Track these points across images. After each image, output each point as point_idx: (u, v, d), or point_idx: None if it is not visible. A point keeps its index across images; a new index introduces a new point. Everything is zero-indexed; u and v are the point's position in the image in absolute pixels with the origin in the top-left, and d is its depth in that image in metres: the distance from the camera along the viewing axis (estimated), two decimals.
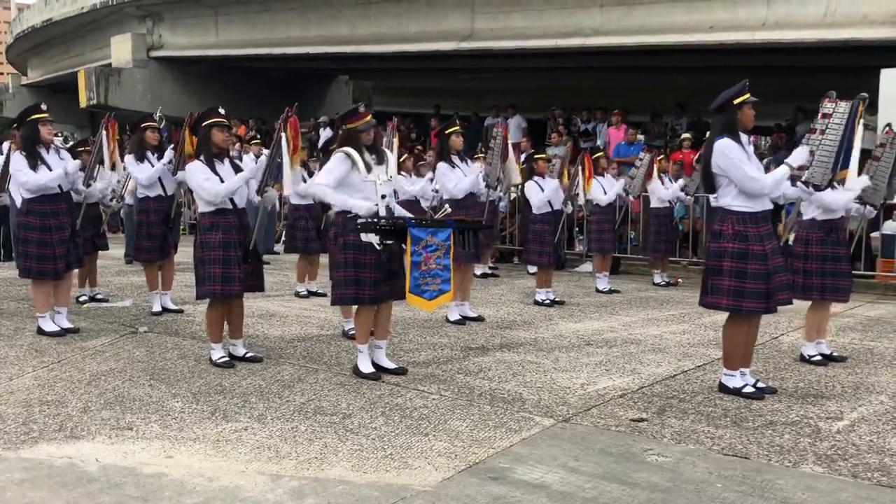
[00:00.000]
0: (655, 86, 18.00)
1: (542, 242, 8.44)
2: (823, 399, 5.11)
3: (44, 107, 6.71)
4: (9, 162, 7.12)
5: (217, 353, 5.83)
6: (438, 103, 19.69)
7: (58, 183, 6.58)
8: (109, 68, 20.78)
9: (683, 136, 13.02)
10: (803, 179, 5.40)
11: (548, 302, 8.51)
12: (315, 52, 18.16)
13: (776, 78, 16.08)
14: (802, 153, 5.18)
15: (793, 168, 5.12)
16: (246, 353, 5.96)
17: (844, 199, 5.86)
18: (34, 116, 6.60)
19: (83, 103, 20.58)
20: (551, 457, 4.08)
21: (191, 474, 3.86)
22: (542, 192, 8.37)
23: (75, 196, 7.06)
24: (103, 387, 5.28)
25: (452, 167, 7.62)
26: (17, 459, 4.05)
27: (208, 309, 5.88)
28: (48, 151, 6.64)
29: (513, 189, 11.28)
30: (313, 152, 13.30)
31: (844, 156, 5.36)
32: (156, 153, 7.61)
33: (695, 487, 3.72)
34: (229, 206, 5.74)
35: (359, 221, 5.20)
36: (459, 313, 7.49)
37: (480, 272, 10.35)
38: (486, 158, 9.15)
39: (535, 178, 8.46)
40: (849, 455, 4.13)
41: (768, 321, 7.62)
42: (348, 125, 5.51)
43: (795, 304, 5.46)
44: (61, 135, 21.36)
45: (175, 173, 7.52)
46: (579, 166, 9.22)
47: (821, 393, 5.25)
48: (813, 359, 5.98)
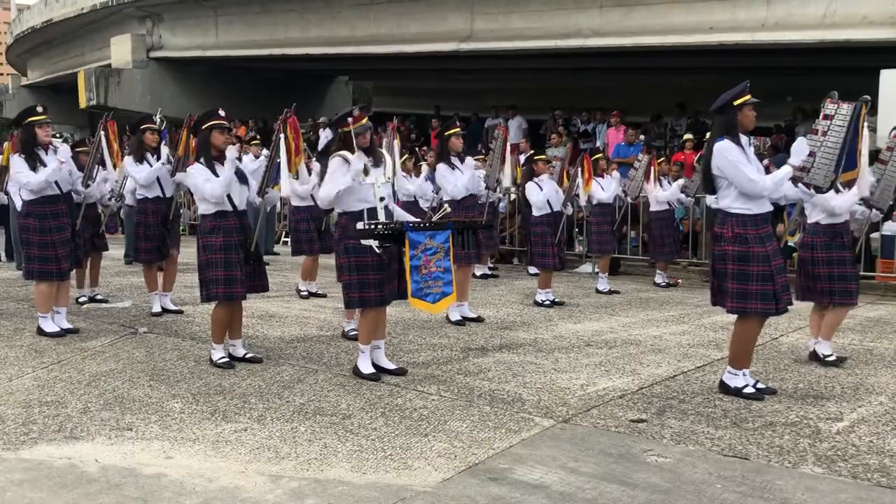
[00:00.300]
0: (655, 87, 18.00)
1: (545, 244, 8.45)
2: (823, 400, 5.11)
3: (40, 108, 6.70)
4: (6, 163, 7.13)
5: (217, 354, 5.83)
6: (438, 104, 19.70)
7: (56, 176, 6.56)
8: (109, 69, 20.78)
9: (686, 137, 13.00)
10: (805, 181, 5.40)
11: (547, 303, 8.51)
12: (315, 53, 18.16)
13: (776, 79, 16.09)
14: (801, 148, 5.17)
15: (795, 168, 5.12)
16: (246, 354, 5.96)
17: (848, 201, 5.85)
18: (31, 119, 6.59)
19: (83, 104, 20.57)
20: (551, 457, 4.08)
21: (190, 475, 3.86)
22: (542, 192, 8.37)
23: (75, 197, 7.06)
24: (103, 387, 5.28)
25: (452, 168, 7.61)
26: (17, 460, 4.05)
27: (215, 310, 5.88)
28: (46, 153, 6.64)
29: (512, 190, 11.29)
30: (312, 153, 13.29)
31: (847, 158, 5.34)
32: (155, 154, 7.62)
33: (694, 488, 3.72)
34: (229, 207, 5.73)
35: (357, 227, 5.20)
36: (459, 314, 7.49)
37: (480, 273, 10.35)
38: (486, 160, 9.16)
39: (535, 179, 8.47)
40: (848, 456, 4.13)
41: (768, 322, 7.63)
42: (343, 129, 5.51)
43: (801, 304, 5.45)
44: (61, 136, 21.37)
45: (174, 175, 7.53)
46: (579, 167, 9.22)
47: (820, 394, 5.25)
48: (828, 359, 5.95)
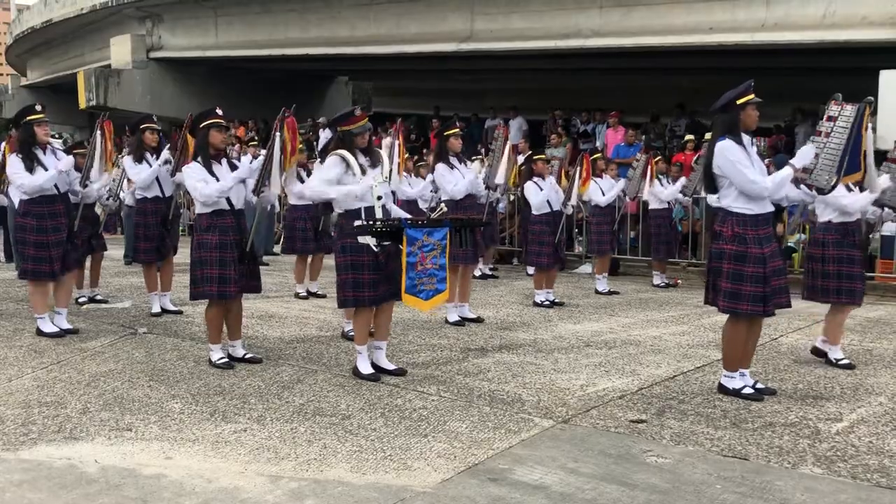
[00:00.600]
0: (655, 87, 18.01)
1: (541, 243, 8.42)
2: (823, 400, 5.11)
3: (39, 108, 6.69)
4: (4, 163, 7.12)
5: (216, 354, 5.83)
6: (438, 104, 19.70)
7: (53, 183, 6.57)
8: (109, 69, 20.78)
9: (687, 138, 13.00)
10: (807, 182, 5.37)
11: (547, 303, 8.51)
12: (315, 53, 18.17)
13: (775, 79, 16.08)
14: (808, 153, 5.12)
15: (797, 169, 5.09)
16: (245, 355, 5.96)
17: (862, 201, 5.83)
18: (30, 118, 6.59)
19: (82, 104, 20.58)
20: (550, 458, 4.08)
21: (190, 475, 3.86)
22: (542, 192, 8.37)
23: (73, 198, 7.05)
24: (102, 388, 5.28)
25: (451, 168, 7.62)
26: (17, 460, 4.05)
27: (207, 310, 5.88)
28: (45, 152, 6.63)
29: (512, 190, 11.28)
30: (312, 153, 13.29)
31: (850, 159, 5.32)
32: (154, 154, 7.62)
33: (694, 489, 3.72)
34: (226, 207, 5.73)
35: (355, 224, 5.20)
36: (459, 315, 7.48)
37: (480, 273, 10.35)
38: (486, 160, 9.16)
39: (535, 179, 8.46)
40: (848, 456, 4.13)
41: (767, 322, 7.63)
42: (343, 128, 5.51)
43: (801, 305, 5.44)
44: (60, 136, 21.36)
45: (174, 174, 7.52)
46: (577, 167, 9.21)
47: (820, 394, 5.25)
48: (840, 362, 5.92)
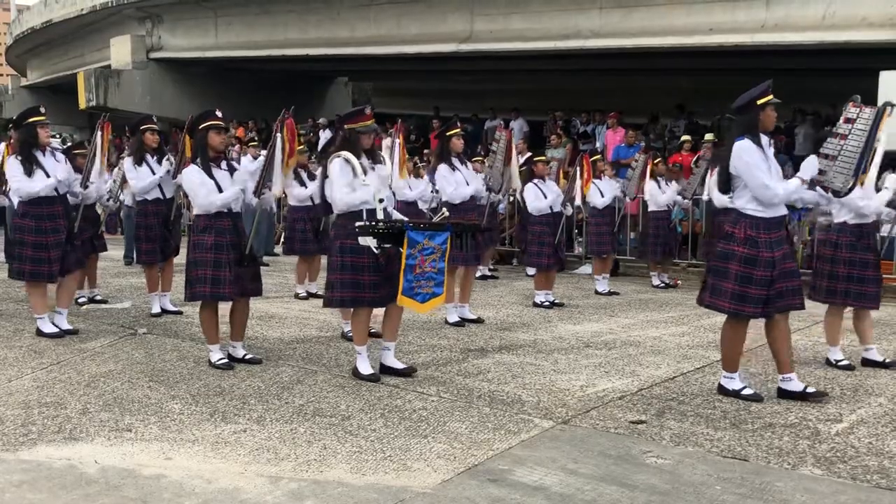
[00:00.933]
0: (655, 88, 18.02)
1: (541, 244, 8.43)
2: (822, 401, 5.10)
3: (42, 109, 6.71)
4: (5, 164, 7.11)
5: (215, 355, 5.83)
6: (438, 105, 19.71)
7: (48, 192, 6.53)
8: (109, 70, 20.79)
9: (683, 139, 13.01)
10: (823, 184, 5.31)
11: (547, 304, 8.51)
12: (315, 54, 18.18)
13: (775, 80, 16.07)
14: (812, 165, 5.11)
15: (805, 181, 5.06)
16: (245, 355, 5.96)
17: (877, 203, 5.79)
18: (33, 119, 6.59)
19: (82, 105, 20.59)
20: (550, 459, 4.08)
21: (190, 476, 3.86)
22: (542, 194, 8.37)
23: (72, 199, 7.03)
24: (102, 388, 5.28)
25: (453, 170, 7.60)
26: (16, 461, 4.05)
27: (201, 311, 5.88)
28: (45, 154, 6.63)
29: (511, 190, 11.28)
30: (312, 154, 13.28)
31: (866, 161, 5.29)
32: (155, 156, 7.61)
33: (694, 490, 3.72)
34: (224, 209, 5.73)
35: (356, 225, 5.19)
36: (458, 315, 7.48)
37: (480, 274, 10.34)
38: (486, 161, 9.15)
39: (535, 181, 8.46)
40: (848, 457, 4.13)
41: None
42: (349, 125, 5.49)
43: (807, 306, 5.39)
44: (60, 136, 21.37)
45: (175, 177, 7.52)
46: (577, 168, 9.21)
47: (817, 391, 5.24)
48: (840, 363, 5.90)
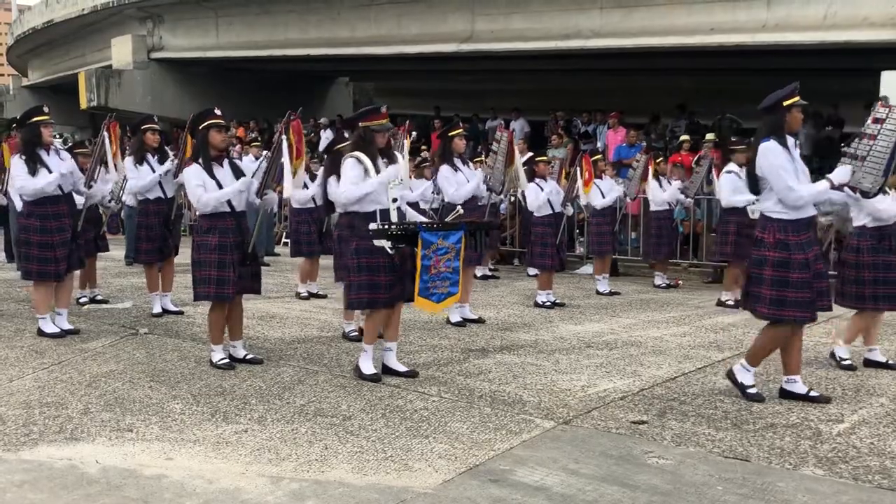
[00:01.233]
0: (655, 88, 18.00)
1: (544, 245, 8.43)
2: (824, 401, 5.09)
3: (45, 108, 6.72)
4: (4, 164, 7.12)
5: (217, 355, 5.83)
6: (438, 105, 19.71)
7: (53, 187, 6.56)
8: (110, 70, 20.80)
9: (683, 139, 13.00)
10: (851, 185, 5.23)
11: (548, 304, 8.51)
12: (315, 54, 18.18)
13: (776, 80, 16.06)
14: (845, 173, 5.05)
15: (833, 184, 4.99)
16: (246, 355, 5.96)
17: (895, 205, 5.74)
18: (36, 118, 6.60)
19: (83, 105, 20.60)
20: (552, 459, 4.08)
21: (191, 476, 3.86)
22: (542, 192, 8.37)
23: (77, 198, 7.05)
24: (103, 388, 5.28)
25: (455, 170, 7.60)
26: (18, 461, 4.05)
27: (210, 311, 5.88)
28: (48, 153, 6.64)
29: (512, 191, 11.28)
30: (314, 154, 13.28)
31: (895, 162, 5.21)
32: (156, 155, 7.61)
33: (695, 490, 3.71)
34: (227, 209, 5.72)
35: (370, 228, 5.17)
36: (460, 315, 7.48)
37: (481, 274, 10.34)
38: (487, 162, 9.14)
39: (536, 181, 8.47)
40: (849, 457, 4.12)
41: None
42: (364, 123, 5.46)
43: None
44: (61, 136, 21.38)
45: (176, 176, 7.52)
46: (577, 168, 9.21)
47: (821, 395, 5.23)
48: (843, 362, 5.88)
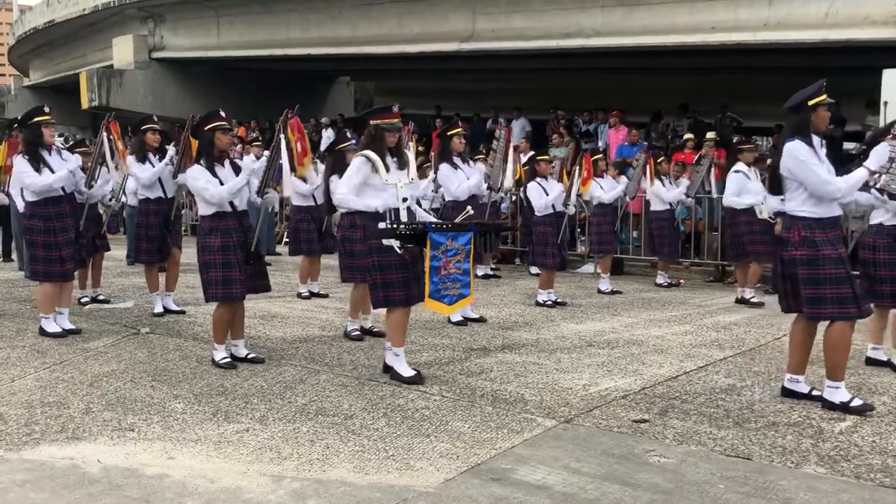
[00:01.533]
0: (657, 87, 18.00)
1: (546, 244, 8.42)
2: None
3: (47, 109, 6.74)
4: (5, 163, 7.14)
5: (219, 354, 5.83)
6: (440, 104, 19.70)
7: (62, 183, 6.61)
8: (111, 70, 20.82)
9: (686, 137, 12.98)
10: (878, 186, 5.21)
11: (550, 303, 8.50)
12: (316, 53, 18.18)
13: (777, 78, 16.07)
14: (883, 153, 4.97)
15: (871, 172, 4.94)
16: (248, 354, 5.96)
17: None
18: (37, 118, 6.62)
19: (85, 105, 20.61)
20: (553, 458, 4.08)
21: (192, 475, 3.86)
22: (545, 193, 8.36)
23: (79, 197, 7.06)
24: (105, 388, 5.28)
25: (455, 169, 7.61)
26: (19, 461, 4.05)
27: (216, 311, 5.88)
28: (50, 153, 6.66)
29: (514, 190, 11.27)
30: (315, 153, 13.27)
31: None
32: (157, 155, 7.63)
33: (697, 488, 3.71)
34: (228, 209, 5.73)
35: (379, 227, 5.16)
36: (461, 314, 7.47)
37: (482, 273, 10.35)
38: (488, 160, 9.16)
39: (538, 180, 8.46)
40: (851, 456, 4.12)
41: (771, 321, 7.63)
42: (375, 120, 5.44)
43: None
44: (61, 136, 21.38)
45: (175, 176, 7.53)
46: (577, 166, 9.21)
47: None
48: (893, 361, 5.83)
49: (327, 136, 17.23)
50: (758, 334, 7.14)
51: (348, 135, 8.80)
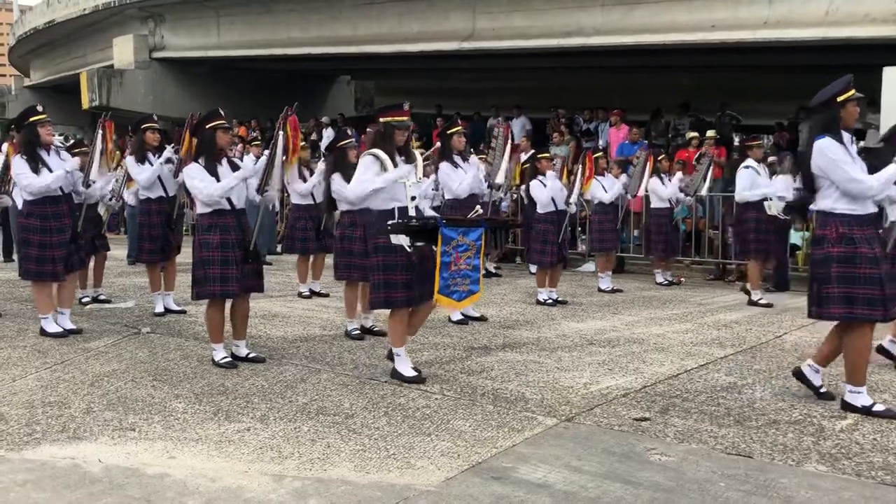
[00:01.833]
0: (657, 85, 17.99)
1: (544, 242, 8.42)
2: (827, 397, 5.09)
3: (40, 108, 6.71)
4: (8, 164, 7.12)
5: (219, 354, 5.83)
6: (440, 103, 19.69)
7: (60, 184, 6.60)
8: (111, 69, 20.82)
9: (690, 135, 12.98)
10: None
11: (550, 301, 8.51)
12: (316, 53, 18.18)
13: (778, 76, 16.08)
14: None
15: None
16: (248, 354, 5.96)
17: None
18: (32, 119, 6.60)
19: (85, 105, 20.62)
20: (554, 456, 4.08)
21: (193, 475, 3.86)
22: (546, 187, 8.36)
23: (76, 198, 7.06)
24: (106, 388, 5.29)
25: (455, 167, 7.61)
26: (21, 460, 4.05)
27: (208, 310, 5.87)
28: (48, 153, 6.65)
29: (514, 189, 11.28)
30: (315, 153, 13.28)
31: None
32: (157, 154, 7.62)
33: (698, 487, 3.71)
34: (227, 206, 5.72)
35: (389, 223, 5.13)
36: (462, 313, 7.47)
37: (483, 272, 10.34)
38: (487, 158, 9.15)
39: (539, 177, 8.46)
40: (852, 454, 4.12)
41: (771, 320, 7.64)
42: (384, 118, 5.42)
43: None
44: (61, 135, 21.37)
45: (176, 175, 7.53)
46: (579, 165, 9.21)
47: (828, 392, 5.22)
48: None
49: (328, 136, 17.23)
50: (759, 332, 7.14)
51: (349, 133, 8.80)
